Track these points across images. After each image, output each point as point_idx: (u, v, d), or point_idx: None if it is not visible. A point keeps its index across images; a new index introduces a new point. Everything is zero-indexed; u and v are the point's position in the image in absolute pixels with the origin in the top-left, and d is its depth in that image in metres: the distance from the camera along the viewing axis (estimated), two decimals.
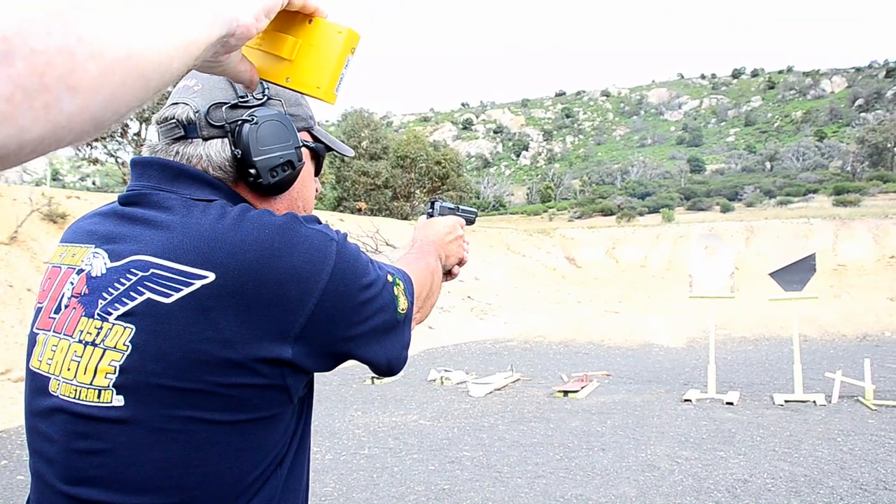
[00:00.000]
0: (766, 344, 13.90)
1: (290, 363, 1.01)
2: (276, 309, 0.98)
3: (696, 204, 52.59)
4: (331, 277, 1.02)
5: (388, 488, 5.60)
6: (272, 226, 1.00)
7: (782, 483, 5.45)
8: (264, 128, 1.09)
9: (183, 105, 1.10)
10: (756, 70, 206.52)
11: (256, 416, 1.02)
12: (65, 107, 0.50)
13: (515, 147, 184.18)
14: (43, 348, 1.07)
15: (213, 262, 0.97)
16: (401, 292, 1.17)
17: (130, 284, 1.00)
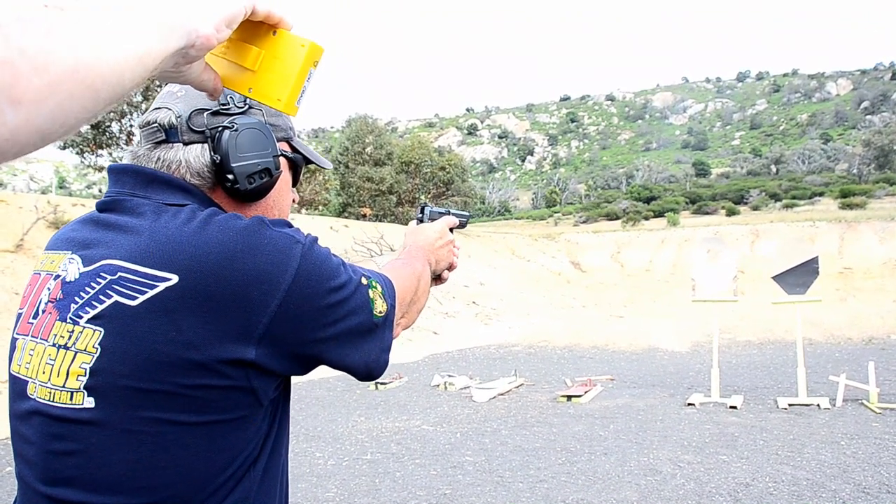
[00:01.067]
0: (771, 347, 13.86)
1: (253, 364, 1.01)
2: (239, 310, 0.99)
3: (702, 208, 52.53)
4: (294, 278, 1.02)
5: (390, 493, 5.60)
6: (236, 228, 1.01)
7: (784, 487, 5.43)
8: (244, 135, 1.11)
9: (165, 110, 1.12)
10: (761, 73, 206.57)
11: (223, 417, 1.03)
12: (7, 120, 0.48)
13: (520, 152, 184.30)
14: (21, 353, 1.09)
15: (176, 264, 0.98)
16: (378, 295, 1.17)
17: (100, 288, 1.02)
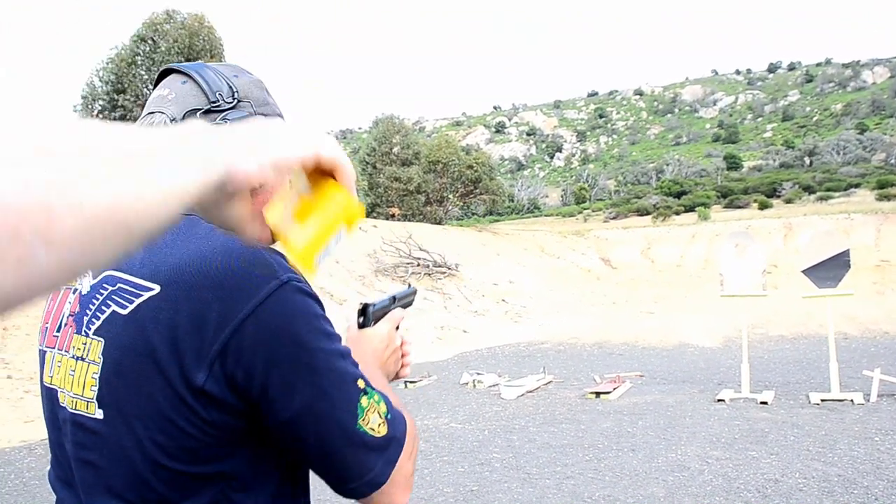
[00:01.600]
0: (804, 342, 13.69)
1: (202, 390, 0.98)
2: (196, 330, 0.98)
3: (734, 202, 51.88)
4: (254, 311, 0.98)
5: (418, 490, 5.64)
6: (222, 248, 1.02)
7: (815, 483, 5.38)
8: None
9: (159, 114, 1.14)
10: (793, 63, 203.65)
11: (202, 440, 1.02)
12: (40, 260, 0.47)
13: (549, 149, 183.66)
14: (51, 365, 1.14)
15: (160, 275, 1.01)
16: (375, 411, 1.05)
17: (102, 299, 1.06)
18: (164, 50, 24.84)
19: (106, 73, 25.38)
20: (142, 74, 25.17)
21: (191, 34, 25.16)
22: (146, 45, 25.53)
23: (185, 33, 25.08)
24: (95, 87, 25.61)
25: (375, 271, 21.96)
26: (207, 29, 25.77)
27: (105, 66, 25.46)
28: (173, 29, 25.25)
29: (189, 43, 24.98)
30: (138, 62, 25.35)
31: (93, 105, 25.53)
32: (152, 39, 25.46)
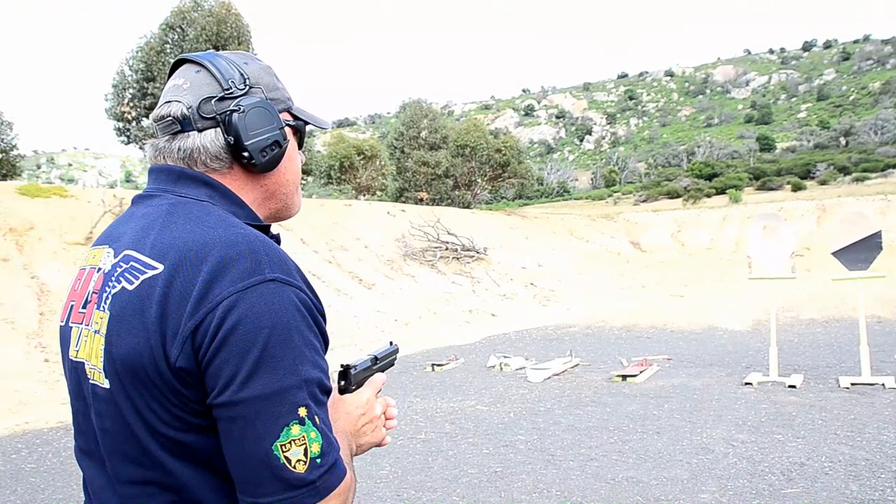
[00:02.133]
0: (836, 326, 13.54)
1: (176, 368, 1.05)
2: (180, 309, 1.05)
3: (766, 184, 51.14)
4: (229, 297, 1.04)
5: (442, 471, 5.71)
6: (224, 239, 1.09)
7: (841, 467, 5.36)
8: (251, 114, 1.20)
9: (176, 103, 1.21)
10: (829, 41, 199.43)
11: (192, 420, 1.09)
12: None
13: (578, 132, 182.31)
14: (77, 339, 1.21)
15: (166, 255, 1.08)
16: (301, 447, 1.04)
17: (118, 275, 1.13)
18: (193, 38, 25.04)
19: (136, 62, 25.65)
20: (170, 62, 25.36)
21: (218, 21, 25.32)
22: (174, 34, 25.76)
23: (213, 21, 25.26)
24: (126, 75, 25.90)
25: (404, 255, 22.06)
26: (235, 16, 25.93)
27: (135, 55, 25.73)
28: (201, 17, 25.43)
29: (217, 30, 25.15)
30: (167, 50, 25.59)
31: (123, 94, 25.83)
32: (180, 27, 25.68)
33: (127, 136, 26.49)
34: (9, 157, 24.09)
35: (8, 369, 10.33)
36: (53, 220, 15.26)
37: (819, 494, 4.77)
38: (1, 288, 12.47)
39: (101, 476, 1.19)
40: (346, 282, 18.64)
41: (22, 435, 7.84)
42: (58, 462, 6.58)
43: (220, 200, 1.21)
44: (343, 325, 15.34)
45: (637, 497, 4.89)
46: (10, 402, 9.42)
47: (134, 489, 1.12)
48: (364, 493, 5.24)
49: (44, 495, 5.60)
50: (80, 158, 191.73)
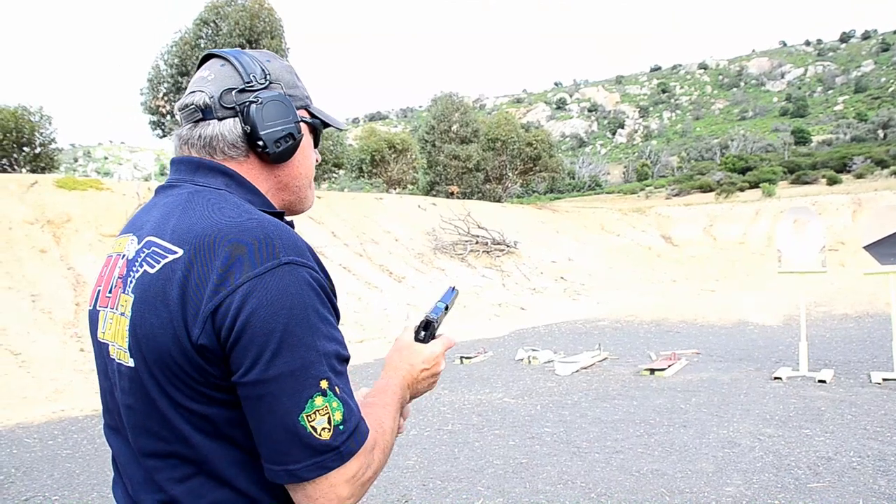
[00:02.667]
0: (870, 321, 13.36)
1: (198, 345, 1.12)
2: (201, 291, 1.12)
3: (801, 177, 50.45)
4: (248, 281, 1.10)
5: (468, 462, 5.76)
6: (239, 225, 1.15)
7: (869, 462, 5.32)
8: (268, 107, 1.28)
9: (199, 93, 1.30)
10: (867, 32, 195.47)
11: (212, 394, 1.16)
12: None
13: (611, 125, 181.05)
14: (104, 322, 1.29)
15: (186, 240, 1.15)
16: (326, 415, 1.12)
17: (141, 260, 1.21)
18: (226, 32, 25.28)
19: (170, 57, 25.95)
20: None
21: (251, 16, 25.53)
22: (209, 28, 26.02)
23: (246, 15, 25.46)
24: (161, 70, 26.21)
25: (434, 249, 22.12)
26: (268, 11, 26.12)
27: (169, 50, 26.03)
28: (234, 12, 25.65)
29: (250, 25, 25.37)
30: (201, 45, 25.84)
31: (158, 88, 26.14)
32: (214, 22, 25.93)
33: (162, 129, 26.84)
34: (47, 151, 24.52)
35: (45, 358, 10.57)
36: (89, 212, 15.54)
37: (846, 489, 4.75)
38: (38, 279, 12.74)
39: (127, 450, 1.26)
40: (376, 275, 18.74)
41: (58, 422, 8.03)
42: (92, 448, 6.74)
43: (237, 189, 1.28)
44: (373, 318, 15.45)
45: (661, 489, 4.90)
46: (46, 390, 9.64)
47: (157, 462, 1.19)
48: (390, 482, 5.31)
49: (79, 480, 5.75)
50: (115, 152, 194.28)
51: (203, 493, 1.18)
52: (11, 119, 23.15)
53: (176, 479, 1.18)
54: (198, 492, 1.18)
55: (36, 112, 24.28)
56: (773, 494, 4.71)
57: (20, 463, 6.35)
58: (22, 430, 7.67)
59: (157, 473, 1.20)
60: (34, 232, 14.11)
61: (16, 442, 7.15)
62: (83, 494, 5.37)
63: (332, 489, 1.13)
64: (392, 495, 5.04)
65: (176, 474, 1.18)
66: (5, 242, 13.37)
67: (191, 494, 1.18)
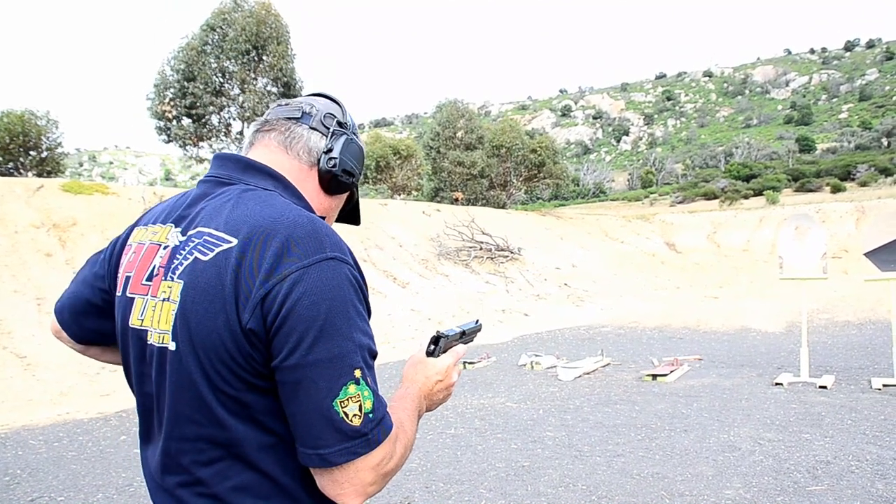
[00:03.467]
0: (872, 328, 13.39)
1: (247, 329, 1.19)
2: (252, 278, 1.19)
3: (805, 185, 50.35)
4: (296, 272, 1.18)
5: (470, 465, 5.81)
6: (290, 220, 1.24)
7: (868, 466, 5.36)
8: (354, 145, 1.51)
9: (308, 104, 1.49)
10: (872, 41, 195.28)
11: (254, 381, 1.23)
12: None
13: (615, 132, 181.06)
14: (142, 308, 1.34)
15: (239, 231, 1.23)
16: (359, 403, 1.19)
17: (191, 248, 1.28)
18: (233, 38, 25.37)
19: (177, 63, 26.02)
20: (211, 63, 25.74)
21: (258, 22, 25.62)
22: (215, 34, 26.10)
23: (253, 21, 25.56)
24: (167, 75, 26.30)
25: (438, 255, 22.18)
26: (274, 17, 26.21)
27: (176, 56, 26.11)
28: (241, 17, 25.74)
29: (256, 31, 25.47)
30: (207, 51, 25.92)
31: (164, 93, 26.23)
32: (221, 28, 26.03)
33: (167, 134, 26.91)
34: (54, 155, 24.62)
35: (50, 362, 10.63)
36: (95, 216, 15.63)
37: (844, 492, 4.78)
38: (44, 282, 12.82)
39: (155, 432, 1.34)
40: (380, 280, 18.80)
41: (63, 424, 8.09)
42: (97, 451, 6.79)
43: (283, 191, 1.38)
44: (377, 323, 15.50)
45: (662, 492, 4.95)
46: (52, 393, 9.71)
47: (185, 445, 1.27)
48: (393, 484, 5.35)
49: (84, 481, 5.80)
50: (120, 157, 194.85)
51: (230, 475, 1.25)
52: (18, 123, 23.24)
53: (202, 462, 1.26)
54: (225, 474, 1.25)
55: (42, 116, 24.35)
56: (772, 497, 4.75)
57: (26, 464, 6.41)
58: (27, 433, 7.74)
59: (183, 456, 1.27)
60: (40, 236, 14.19)
61: (21, 444, 7.21)
62: (88, 496, 5.43)
63: (358, 474, 1.20)
64: (395, 497, 5.09)
65: (203, 457, 1.26)
66: (11, 246, 13.46)
67: (217, 476, 1.25)
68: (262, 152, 1.44)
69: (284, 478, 1.25)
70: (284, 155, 1.43)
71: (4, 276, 12.49)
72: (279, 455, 1.25)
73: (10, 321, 11.40)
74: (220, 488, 1.24)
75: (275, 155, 1.43)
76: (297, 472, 1.26)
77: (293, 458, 1.25)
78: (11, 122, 23.18)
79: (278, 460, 1.25)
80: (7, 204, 14.67)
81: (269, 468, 1.25)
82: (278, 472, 1.25)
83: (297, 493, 1.27)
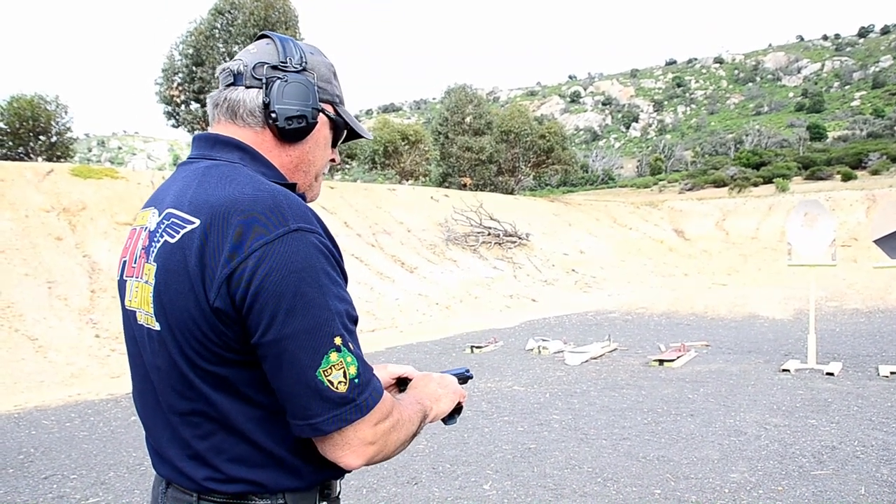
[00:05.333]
0: (881, 316, 13.37)
1: (214, 307, 1.20)
2: (217, 257, 1.20)
3: (815, 173, 50.07)
4: (260, 248, 1.17)
5: (477, 447, 5.86)
6: (251, 196, 1.23)
7: (873, 451, 5.38)
8: (291, 86, 1.37)
9: (238, 61, 1.41)
10: (887, 27, 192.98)
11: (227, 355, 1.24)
12: None
13: (625, 119, 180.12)
14: (130, 291, 1.39)
15: (202, 211, 1.24)
16: (342, 370, 1.20)
17: (162, 230, 1.30)
18: (241, 23, 25.35)
19: (185, 47, 26.03)
20: (219, 47, 25.71)
21: (266, 6, 25.59)
22: (223, 19, 26.08)
23: (261, 6, 25.53)
24: (175, 59, 26.31)
25: (446, 240, 22.20)
26: (283, 1, 26.17)
27: (184, 40, 26.12)
28: (250, 2, 25.70)
29: (265, 15, 25.43)
30: (216, 35, 25.91)
31: (172, 78, 26.26)
32: (229, 12, 26.00)
33: (176, 119, 26.96)
34: (63, 140, 24.71)
35: (62, 344, 10.72)
36: (105, 200, 15.69)
37: (848, 477, 4.81)
38: (55, 266, 12.90)
39: (154, 410, 1.36)
40: (388, 265, 18.85)
41: (74, 405, 8.17)
42: (108, 430, 6.87)
43: (251, 163, 1.35)
44: (385, 308, 15.56)
45: (667, 475, 4.98)
46: (63, 374, 9.80)
47: (182, 419, 1.29)
48: (401, 465, 5.41)
49: (96, 460, 5.87)
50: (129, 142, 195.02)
51: (225, 448, 1.27)
52: (28, 108, 23.33)
53: (199, 436, 1.28)
54: (220, 447, 1.27)
55: (52, 101, 24.44)
56: (777, 481, 4.78)
57: (39, 443, 6.49)
58: (40, 413, 7.82)
59: (182, 430, 1.30)
60: (50, 220, 14.26)
61: (34, 424, 7.29)
62: (100, 474, 5.50)
63: (356, 435, 1.22)
64: (402, 478, 5.14)
65: (199, 431, 1.28)
66: (22, 230, 13.53)
67: (213, 450, 1.27)
68: (220, 129, 1.40)
69: (278, 448, 1.27)
70: (235, 127, 1.39)
71: (15, 260, 12.57)
72: (271, 426, 1.26)
73: (22, 304, 11.48)
74: (218, 460, 1.27)
75: (227, 129, 1.39)
76: (292, 442, 1.28)
77: (287, 430, 1.26)
78: (21, 106, 23.27)
79: (270, 432, 1.26)
80: (17, 188, 14.73)
81: (262, 440, 1.26)
82: (271, 444, 1.26)
83: (292, 462, 1.28)
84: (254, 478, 1.27)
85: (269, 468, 1.27)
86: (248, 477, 1.27)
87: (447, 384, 1.57)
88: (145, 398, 1.39)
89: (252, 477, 1.27)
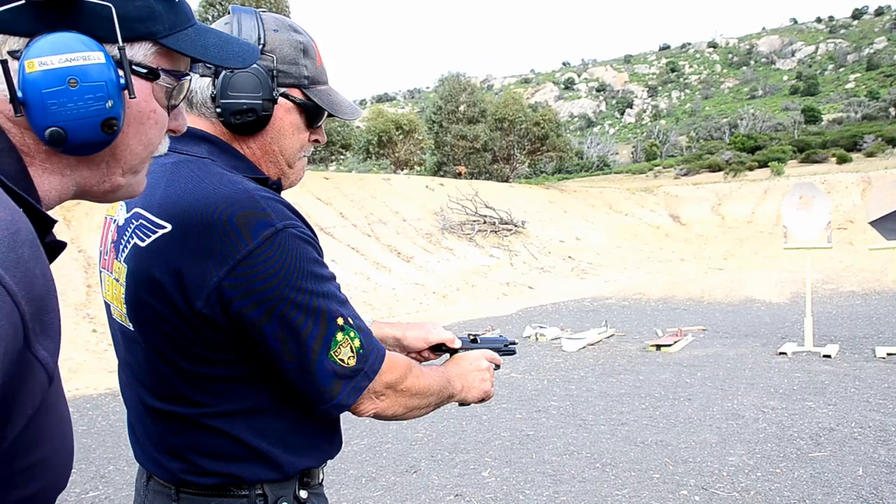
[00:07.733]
0: (877, 298, 13.40)
1: (200, 313, 1.17)
2: (202, 264, 1.15)
3: (811, 156, 50.09)
4: (251, 253, 1.14)
5: (475, 434, 5.87)
6: (226, 197, 1.17)
7: (871, 432, 5.40)
8: (238, 77, 1.27)
9: None
10: (881, 8, 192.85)
11: (206, 354, 1.22)
12: None
13: (619, 105, 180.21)
14: (104, 283, 1.37)
15: (173, 216, 1.18)
16: (349, 346, 1.24)
17: (131, 231, 1.26)
18: None
19: None
20: None
21: None
22: (215, 10, 26.01)
23: None
24: None
25: (442, 229, 22.19)
26: None
27: None
28: None
29: (256, 5, 25.34)
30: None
31: None
32: (220, 3, 25.92)
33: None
34: None
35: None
36: None
37: (846, 458, 4.83)
38: None
39: (134, 401, 1.35)
40: (384, 255, 18.84)
41: (73, 400, 8.16)
42: (107, 425, 6.87)
43: (220, 156, 1.28)
44: (382, 298, 15.55)
45: (665, 459, 5.00)
46: (61, 369, 9.71)
47: (158, 415, 1.28)
48: (399, 453, 5.42)
49: (95, 454, 5.88)
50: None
51: (200, 443, 1.26)
52: None
53: (174, 432, 1.27)
54: (195, 443, 1.26)
55: None
56: (775, 463, 4.79)
57: None
58: None
59: (158, 424, 1.29)
60: None
61: None
62: (100, 468, 5.51)
63: (370, 399, 1.30)
64: (401, 466, 5.15)
65: (174, 427, 1.27)
66: None
67: (188, 446, 1.26)
68: None
69: (257, 441, 1.25)
70: (194, 117, 1.31)
71: None
72: (249, 420, 1.25)
73: None
74: (194, 455, 1.26)
75: (189, 118, 1.29)
76: (271, 434, 1.27)
77: (265, 423, 1.26)
78: None
79: (249, 425, 1.25)
80: None
81: (239, 434, 1.25)
82: (248, 437, 1.25)
83: (270, 453, 1.27)
84: (231, 471, 1.26)
85: (247, 461, 1.26)
86: (225, 471, 1.26)
87: (484, 380, 1.60)
88: (124, 390, 1.39)
89: (229, 471, 1.26)
